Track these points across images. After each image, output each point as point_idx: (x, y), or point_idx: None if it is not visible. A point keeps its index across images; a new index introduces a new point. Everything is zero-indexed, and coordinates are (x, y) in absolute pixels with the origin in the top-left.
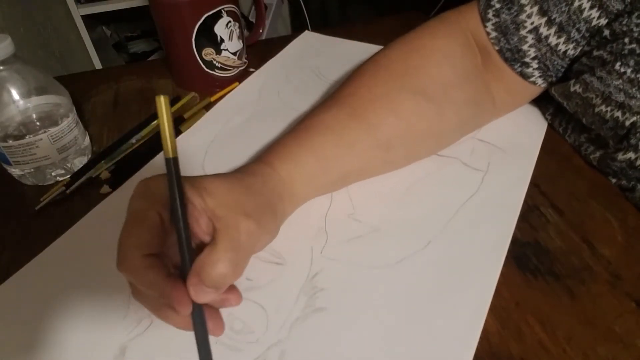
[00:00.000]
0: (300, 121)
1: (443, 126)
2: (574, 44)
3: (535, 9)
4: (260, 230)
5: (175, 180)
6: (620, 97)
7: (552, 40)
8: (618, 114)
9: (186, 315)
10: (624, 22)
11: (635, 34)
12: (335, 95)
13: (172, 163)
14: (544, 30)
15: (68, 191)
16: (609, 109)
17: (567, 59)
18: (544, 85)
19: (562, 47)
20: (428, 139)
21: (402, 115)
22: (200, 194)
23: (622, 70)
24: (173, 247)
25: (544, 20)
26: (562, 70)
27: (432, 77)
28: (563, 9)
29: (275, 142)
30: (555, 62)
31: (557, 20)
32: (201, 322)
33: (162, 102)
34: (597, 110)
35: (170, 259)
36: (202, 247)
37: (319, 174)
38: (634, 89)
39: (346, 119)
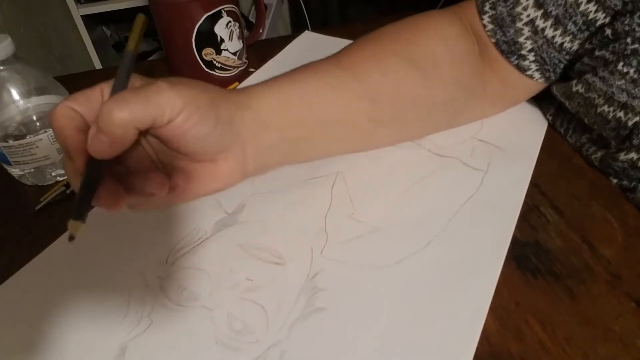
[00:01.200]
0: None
1: (430, 96)
2: (570, 36)
3: (531, 1)
4: (179, 103)
5: (123, 68)
6: (623, 97)
7: (549, 32)
8: (620, 114)
9: (79, 167)
10: (626, 22)
11: (638, 34)
12: (329, 56)
13: (128, 55)
14: (540, 23)
15: (68, 191)
16: (611, 109)
17: (564, 52)
18: (541, 80)
19: (558, 40)
20: (417, 106)
21: (389, 75)
22: (145, 84)
23: (625, 70)
24: None
25: (540, 12)
26: (560, 65)
27: (423, 49)
28: (559, 2)
29: None
30: (552, 55)
31: (554, 13)
32: (90, 176)
33: (140, 20)
34: (599, 110)
35: None
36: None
37: (295, 103)
38: (636, 89)
39: (333, 67)
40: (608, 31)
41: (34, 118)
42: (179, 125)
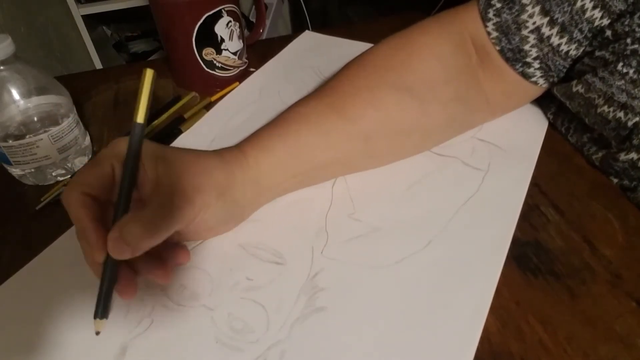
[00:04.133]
0: (280, 113)
1: (428, 122)
2: (576, 44)
3: (537, 8)
4: (195, 212)
5: (134, 144)
6: (623, 98)
7: (554, 40)
8: (620, 114)
9: (98, 262)
10: (626, 23)
11: (638, 34)
12: (319, 88)
13: (138, 128)
14: (546, 31)
15: None
16: (611, 109)
17: (569, 59)
18: (545, 85)
19: (564, 48)
20: (413, 134)
21: (382, 109)
22: (155, 162)
23: (625, 70)
24: None
25: (546, 20)
26: (564, 70)
27: (417, 72)
28: (565, 8)
29: (254, 132)
30: (557, 63)
31: (560, 20)
32: (110, 276)
33: (147, 74)
34: (599, 110)
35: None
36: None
37: (290, 162)
38: (636, 90)
39: (324, 110)
40: (608, 32)
41: (35, 118)
42: (191, 227)
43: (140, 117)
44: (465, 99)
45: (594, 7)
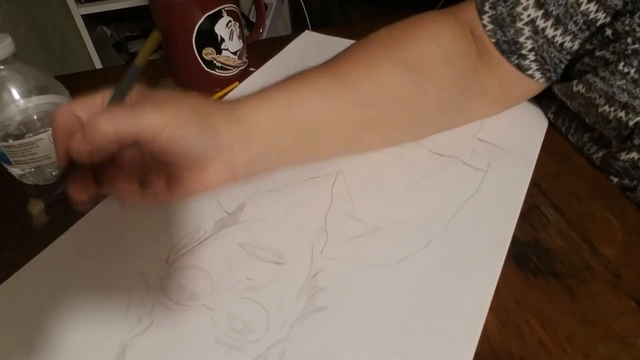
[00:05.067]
0: None
1: (423, 101)
2: (571, 36)
3: (532, 1)
4: (165, 121)
5: (127, 78)
6: (624, 97)
7: (549, 32)
8: (621, 114)
9: (61, 165)
10: (627, 22)
11: (638, 34)
12: (322, 63)
13: (134, 68)
14: (540, 23)
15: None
16: (612, 109)
17: (564, 52)
18: (541, 80)
19: (559, 39)
20: (408, 110)
21: (379, 80)
22: (142, 98)
23: (626, 70)
24: None
25: (540, 12)
26: (560, 65)
27: (416, 52)
28: (560, 2)
29: None
30: (553, 55)
31: (554, 13)
32: (68, 172)
33: (155, 36)
34: (600, 110)
35: None
36: None
37: (284, 112)
38: (637, 89)
39: (324, 75)
40: (608, 31)
41: (35, 117)
42: (162, 141)
43: (140, 60)
44: (460, 84)
45: (589, 1)
